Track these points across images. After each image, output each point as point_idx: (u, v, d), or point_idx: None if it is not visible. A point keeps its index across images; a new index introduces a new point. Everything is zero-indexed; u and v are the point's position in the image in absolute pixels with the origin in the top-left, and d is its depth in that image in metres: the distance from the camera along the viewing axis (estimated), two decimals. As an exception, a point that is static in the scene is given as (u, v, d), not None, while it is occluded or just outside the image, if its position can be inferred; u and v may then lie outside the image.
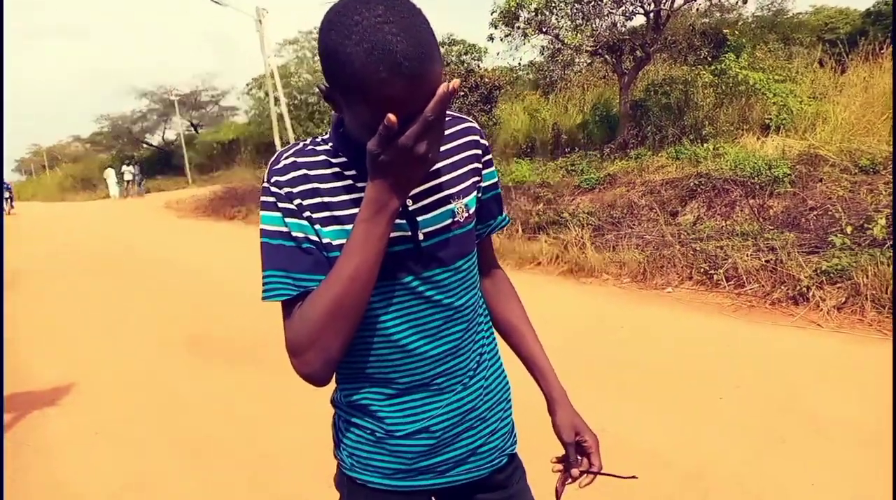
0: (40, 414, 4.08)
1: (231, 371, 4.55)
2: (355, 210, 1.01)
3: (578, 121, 13.31)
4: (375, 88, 0.86)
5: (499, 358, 1.29)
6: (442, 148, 1.11)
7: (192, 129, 37.45)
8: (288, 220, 1.03)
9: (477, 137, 1.18)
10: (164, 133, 39.51)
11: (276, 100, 22.62)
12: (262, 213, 1.05)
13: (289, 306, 1.04)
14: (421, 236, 1.07)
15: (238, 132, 30.00)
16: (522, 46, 12.48)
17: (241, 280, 7.50)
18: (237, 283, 7.43)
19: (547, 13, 11.29)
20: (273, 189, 1.04)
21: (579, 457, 1.29)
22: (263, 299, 1.04)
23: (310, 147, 1.09)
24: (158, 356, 5.06)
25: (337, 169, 1.06)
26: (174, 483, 3.10)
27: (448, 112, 1.13)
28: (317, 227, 1.04)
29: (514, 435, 1.31)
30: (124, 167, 29.04)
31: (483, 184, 1.20)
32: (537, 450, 1.39)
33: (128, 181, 27.95)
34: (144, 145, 39.80)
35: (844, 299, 4.57)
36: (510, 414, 1.30)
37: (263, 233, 1.05)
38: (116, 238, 13.24)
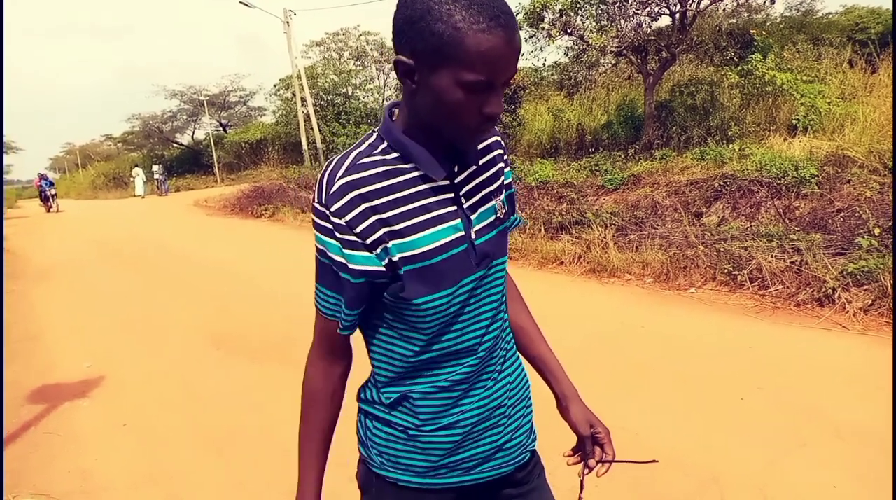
0: (71, 405, 4.19)
1: (255, 367, 4.62)
2: (418, 219, 1.04)
3: (603, 121, 13.25)
4: (475, 39, 0.89)
5: (518, 356, 1.31)
6: (481, 146, 1.16)
7: (221, 128, 37.89)
8: (347, 251, 1.04)
9: (499, 137, 1.22)
10: (193, 133, 40.06)
11: (303, 100, 22.84)
12: (318, 235, 1.06)
13: (323, 322, 1.15)
14: (473, 235, 1.09)
15: (265, 132, 30.27)
16: (547, 47, 12.45)
17: (267, 277, 7.61)
18: (263, 280, 7.53)
19: (572, 14, 11.25)
20: (334, 219, 1.03)
21: (595, 448, 1.31)
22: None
23: (361, 160, 1.06)
24: (185, 351, 5.16)
25: (396, 177, 1.05)
26: (197, 475, 3.17)
27: None
28: (379, 248, 1.04)
29: (535, 431, 1.32)
30: (154, 167, 29.54)
31: (505, 182, 1.23)
32: (556, 446, 1.41)
33: (157, 180, 28.45)
34: (174, 145, 40.37)
35: (871, 301, 4.50)
36: (531, 411, 1.31)
37: (318, 252, 1.08)
38: (146, 234, 13.45)
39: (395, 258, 1.04)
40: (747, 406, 3.40)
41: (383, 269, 1.05)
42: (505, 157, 1.23)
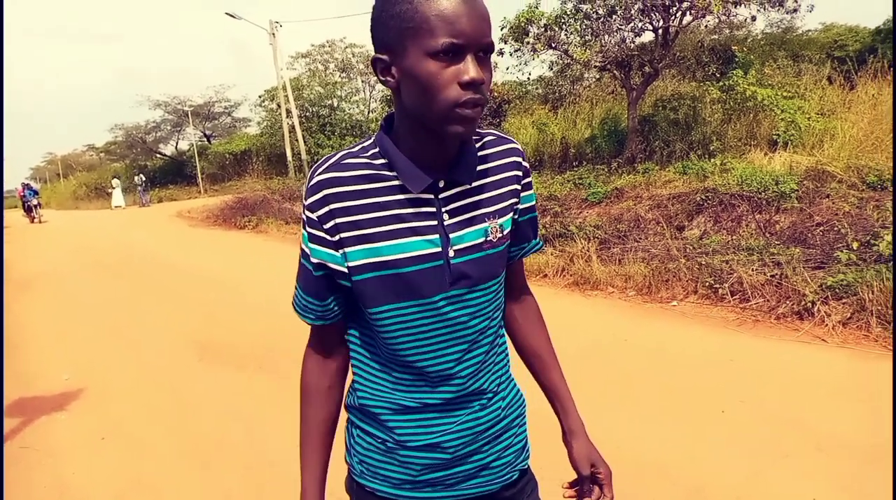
0: (48, 419, 4.12)
1: (240, 377, 4.58)
2: (389, 227, 1.04)
3: (586, 135, 13.35)
4: (429, 5, 0.91)
5: (512, 377, 1.28)
6: (484, 166, 1.13)
7: (205, 139, 37.75)
8: (311, 244, 1.08)
9: (519, 159, 1.17)
10: (177, 143, 39.92)
11: (288, 112, 22.83)
12: (302, 230, 1.11)
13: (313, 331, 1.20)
14: (451, 253, 1.07)
15: (250, 143, 30.21)
16: (532, 61, 12.55)
17: (251, 288, 7.56)
18: (246, 290, 7.48)
19: (556, 29, 11.36)
20: (307, 212, 1.07)
21: (594, 487, 1.28)
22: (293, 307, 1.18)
23: (347, 160, 1.07)
24: (167, 361, 5.10)
25: (377, 182, 1.06)
26: (181, 487, 3.13)
27: (493, 132, 1.17)
28: (342, 250, 1.06)
29: (528, 450, 1.29)
30: (136, 177, 29.38)
31: (520, 206, 1.19)
32: (554, 462, 1.41)
33: (138, 190, 28.28)
34: (158, 155, 40.16)
35: (850, 314, 4.56)
36: (525, 430, 1.28)
37: (301, 251, 1.12)
38: (128, 244, 13.33)
39: (362, 262, 1.05)
40: (730, 418, 3.43)
41: (344, 270, 1.07)
42: (524, 180, 1.19)
